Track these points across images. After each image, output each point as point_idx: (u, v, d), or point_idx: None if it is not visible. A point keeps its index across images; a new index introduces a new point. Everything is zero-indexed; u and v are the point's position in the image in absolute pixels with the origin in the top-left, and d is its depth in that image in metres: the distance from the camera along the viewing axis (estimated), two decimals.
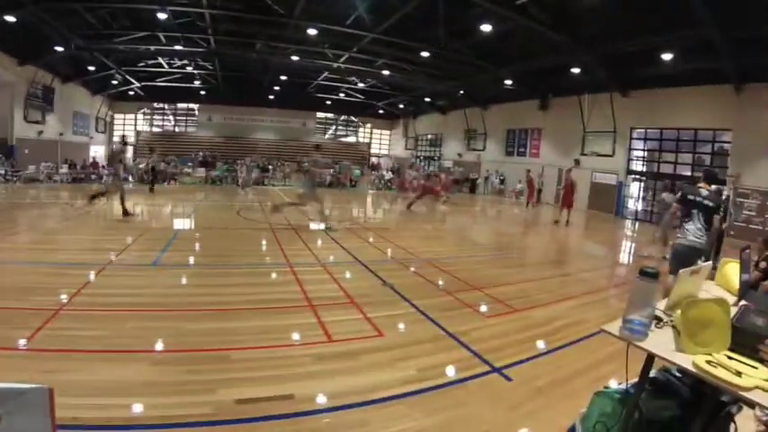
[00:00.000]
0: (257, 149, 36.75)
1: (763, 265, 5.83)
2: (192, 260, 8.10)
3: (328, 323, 5.17)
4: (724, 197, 8.38)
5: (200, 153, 32.43)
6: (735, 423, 2.75)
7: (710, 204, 6.25)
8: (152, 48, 22.76)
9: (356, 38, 20.30)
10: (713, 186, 6.96)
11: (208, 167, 27.28)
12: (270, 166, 29.07)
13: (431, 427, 3.35)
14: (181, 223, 11.89)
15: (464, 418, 3.51)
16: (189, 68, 29.64)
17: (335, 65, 25.70)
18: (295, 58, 24.39)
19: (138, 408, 3.28)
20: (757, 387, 1.77)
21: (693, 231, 6.22)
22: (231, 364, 4.05)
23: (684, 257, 5.99)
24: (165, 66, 28.65)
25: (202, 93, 35.66)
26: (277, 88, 34.61)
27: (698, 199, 6.31)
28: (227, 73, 30.10)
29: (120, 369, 3.80)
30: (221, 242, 9.77)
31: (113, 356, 4.01)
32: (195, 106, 38.20)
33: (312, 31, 19.46)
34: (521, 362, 4.62)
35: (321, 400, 3.59)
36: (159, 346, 4.33)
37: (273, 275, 7.35)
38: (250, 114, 38.82)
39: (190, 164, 28.28)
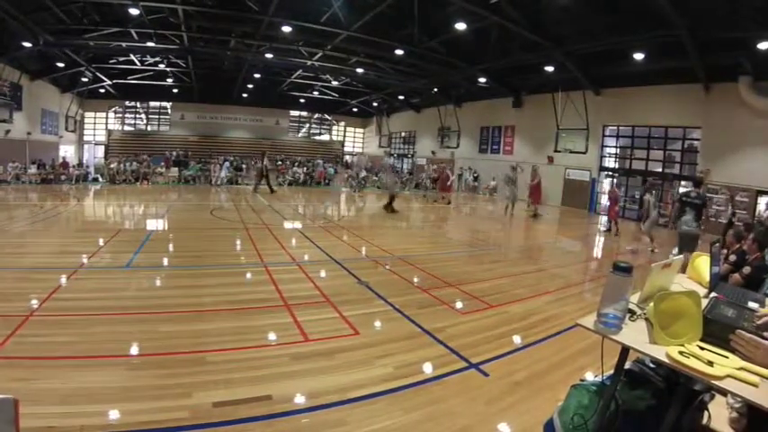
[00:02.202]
0: (231, 148, 36.37)
1: (732, 258, 6.01)
2: (165, 261, 7.97)
3: (304, 322, 5.13)
4: (693, 191, 9.46)
5: (174, 152, 31.92)
6: (708, 411, 2.83)
7: (698, 202, 8.99)
8: (124, 44, 22.27)
9: (331, 35, 20.21)
10: (700, 188, 9.68)
11: (181, 167, 26.90)
12: (243, 165, 28.79)
13: (409, 424, 3.36)
14: (154, 224, 11.69)
15: (442, 414, 3.52)
16: (161, 66, 29.02)
17: (310, 63, 25.55)
18: (269, 55, 24.18)
19: (113, 414, 3.21)
20: (728, 376, 1.80)
21: (688, 222, 8.90)
22: (207, 367, 3.99)
23: (684, 239, 8.88)
24: (137, 63, 27.97)
25: (175, 91, 35.06)
26: (251, 86, 34.28)
27: (689, 199, 9.07)
28: (200, 71, 29.71)
29: (94, 375, 3.71)
30: (195, 242, 9.64)
31: (87, 362, 3.92)
32: (168, 105, 37.45)
33: (286, 29, 19.27)
34: (497, 357, 4.65)
35: (299, 400, 3.56)
36: (134, 350, 4.24)
37: (248, 275, 7.28)
38: (223, 113, 38.33)
39: (162, 163, 27.83)
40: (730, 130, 17.59)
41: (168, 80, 32.70)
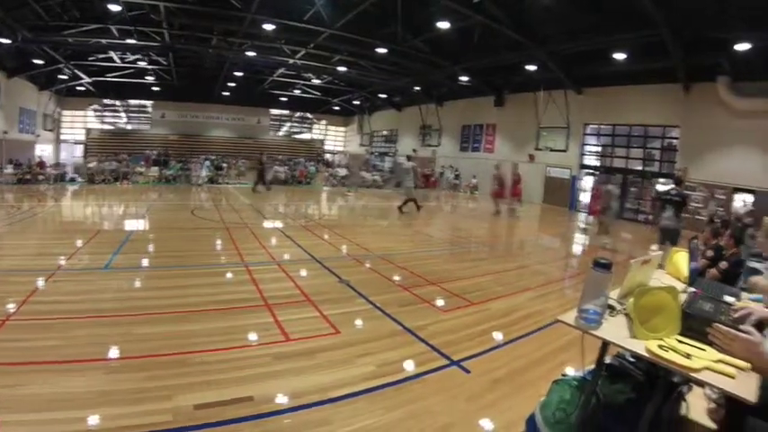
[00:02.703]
0: (212, 147, 36.06)
1: (709, 253, 6.10)
2: (145, 262, 7.84)
3: (285, 322, 5.10)
4: (672, 189, 9.81)
5: (154, 151, 31.52)
6: (686, 402, 2.91)
7: (678, 199, 9.49)
8: (103, 41, 21.74)
9: (313, 33, 20.08)
10: (680, 186, 10.07)
11: (161, 166, 26.57)
12: (224, 164, 28.57)
13: (391, 422, 3.35)
14: (134, 224, 11.54)
15: (424, 411, 3.51)
16: (142, 63, 28.48)
17: (292, 61, 25.41)
18: (251, 53, 24.00)
19: (94, 420, 3.13)
20: (706, 368, 1.83)
21: (669, 218, 9.41)
22: (188, 368, 3.93)
23: (665, 233, 9.40)
24: (117, 60, 27.47)
25: (156, 89, 34.52)
26: (232, 85, 33.94)
27: (669, 197, 9.59)
28: (181, 68, 29.28)
29: (73, 380, 3.62)
30: (176, 243, 9.52)
31: (66, 367, 3.82)
32: (148, 103, 36.90)
33: (269, 27, 19.08)
34: (479, 354, 4.66)
35: (281, 400, 3.53)
36: (114, 353, 4.15)
37: (229, 275, 7.19)
38: (204, 111, 37.97)
39: (143, 163, 27.45)
40: (708, 130, 17.97)
41: (149, 78, 32.17)
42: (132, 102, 36.53)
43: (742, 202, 17.30)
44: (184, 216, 13.01)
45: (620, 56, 17.91)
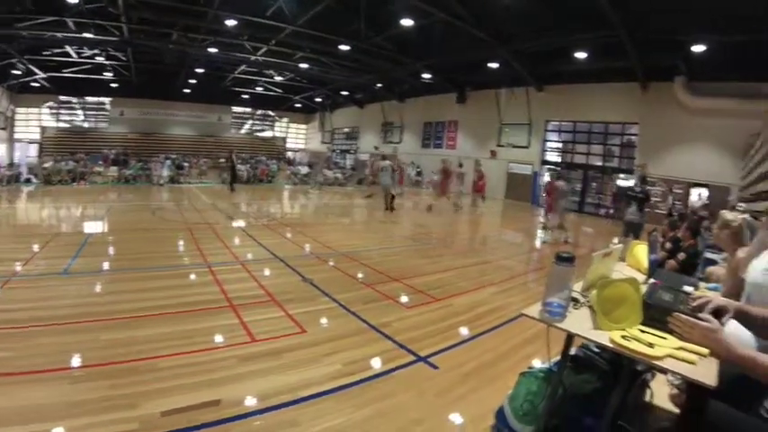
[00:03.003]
0: (172, 146, 35.39)
1: (668, 245, 6.29)
2: (106, 266, 7.59)
3: (250, 323, 5.03)
4: (637, 186, 10.92)
5: (113, 150, 30.72)
6: (650, 388, 3.03)
7: (641, 196, 10.36)
8: (59, 35, 21.03)
9: (276, 30, 19.91)
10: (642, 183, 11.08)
11: (121, 166, 25.88)
12: (186, 164, 28.04)
13: (361, 420, 3.34)
14: (93, 226, 11.20)
15: (393, 408, 3.52)
16: (100, 59, 27.70)
17: (254, 58, 25.19)
18: (213, 50, 23.60)
19: None
20: (668, 356, 1.89)
21: (633, 212, 10.27)
22: (154, 374, 3.82)
23: (629, 227, 10.29)
24: (74, 55, 26.58)
25: (114, 85, 33.56)
26: (193, 82, 33.38)
27: (633, 193, 10.47)
28: (140, 64, 28.49)
29: (35, 391, 3.47)
30: (137, 245, 9.25)
31: (27, 378, 3.65)
32: (107, 100, 35.92)
33: (231, 22, 18.84)
34: (445, 349, 4.69)
35: (250, 402, 3.48)
36: (77, 361, 3.99)
37: (192, 277, 7.04)
38: (165, 109, 37.31)
39: (101, 162, 26.69)
40: (666, 127, 18.67)
41: (107, 74, 31.27)
42: (90, 99, 35.51)
43: (698, 196, 18.04)
44: (145, 217, 12.70)
45: (580, 55, 18.31)
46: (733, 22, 13.35)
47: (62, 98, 34.41)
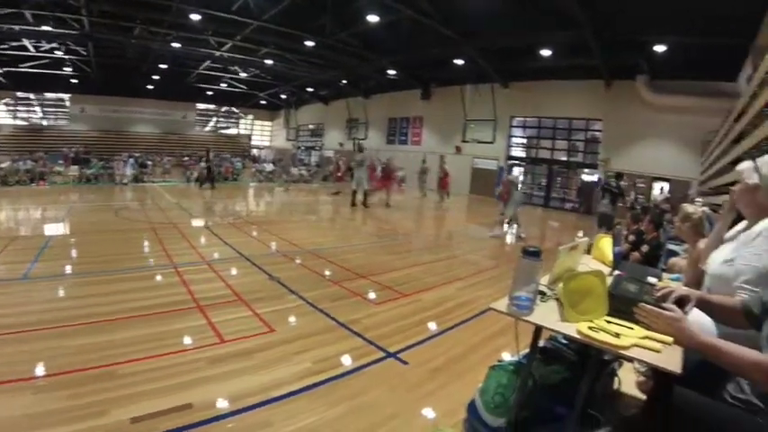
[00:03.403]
0: (135, 144, 34.53)
1: (631, 238, 6.44)
2: (68, 269, 7.34)
3: (219, 323, 4.95)
4: (613, 181, 11.99)
5: (73, 149, 29.83)
6: (618, 377, 3.11)
7: (616, 191, 11.34)
8: (16, 27, 20.35)
9: (241, 25, 19.66)
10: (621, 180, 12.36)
11: (82, 165, 25.16)
12: (149, 162, 27.46)
13: (334, 418, 3.33)
14: (53, 228, 10.86)
15: (366, 405, 3.52)
16: (59, 53, 26.84)
17: (219, 53, 24.84)
18: (176, 45, 23.24)
19: None
20: (634, 345, 1.94)
21: (605, 205, 11.21)
22: (121, 380, 3.70)
23: (602, 218, 11.08)
24: (32, 49, 25.73)
25: (74, 81, 32.58)
26: (156, 78, 32.74)
27: (609, 188, 11.38)
28: (102, 59, 27.75)
29: None
30: (100, 247, 8.98)
31: None
32: (66, 96, 34.86)
33: (195, 17, 18.49)
34: (415, 345, 4.72)
35: (221, 404, 3.42)
36: (39, 370, 3.81)
37: (158, 278, 6.88)
38: (127, 106, 36.39)
39: (61, 161, 25.90)
40: (628, 123, 19.25)
41: (66, 69, 30.34)
42: (48, 95, 34.40)
43: (660, 189, 18.61)
44: (108, 218, 12.39)
45: (546, 52, 18.67)
46: (690, 24, 13.84)
47: (19, 94, 33.23)
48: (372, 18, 17.62)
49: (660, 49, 15.91)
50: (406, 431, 3.26)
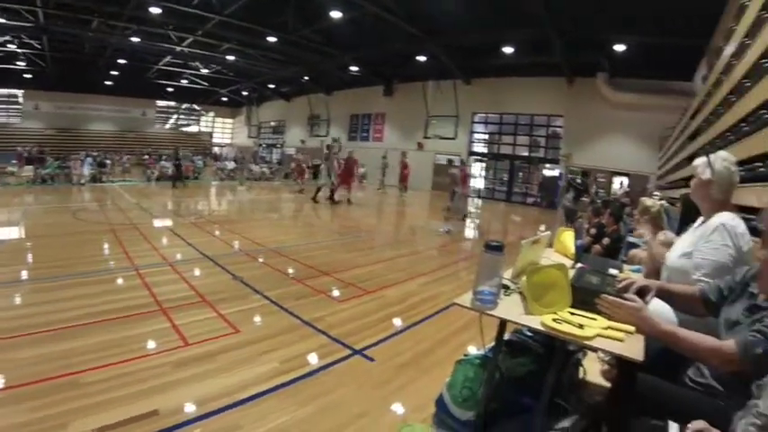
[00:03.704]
0: (93, 142, 33.58)
1: (593, 231, 6.59)
2: (23, 275, 7.01)
3: (183, 326, 4.85)
4: (578, 178, 13.06)
5: (27, 148, 28.80)
6: (583, 366, 3.16)
7: (581, 188, 12.30)
8: None
9: (202, 20, 19.33)
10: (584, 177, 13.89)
11: (37, 165, 24.33)
12: (108, 161, 26.78)
13: (304, 418, 3.30)
14: (6, 232, 10.47)
15: (335, 403, 3.51)
16: (12, 46, 25.88)
17: (179, 49, 24.39)
18: (136, 39, 22.63)
19: None
20: (598, 335, 1.98)
21: (568, 199, 12.13)
22: (83, 389, 3.55)
23: (567, 212, 11.90)
24: None
25: (28, 76, 31.37)
26: (115, 73, 31.85)
27: (575, 184, 12.24)
28: (57, 54, 26.86)
29: None
30: (57, 250, 8.66)
31: None
32: (19, 92, 33.56)
33: (155, 10, 18.09)
34: (380, 341, 4.73)
35: (188, 409, 3.34)
36: None
37: (119, 281, 6.67)
38: (85, 102, 35.24)
39: (14, 161, 25.02)
40: (589, 119, 19.79)
41: (19, 64, 29.26)
42: (0, 91, 33.15)
43: (620, 184, 19.16)
44: (65, 220, 12.03)
45: (508, 50, 18.90)
46: (649, 25, 14.34)
47: None
48: (336, 14, 17.59)
49: (620, 48, 16.39)
50: (376, 429, 3.25)
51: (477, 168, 25.41)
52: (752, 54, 4.91)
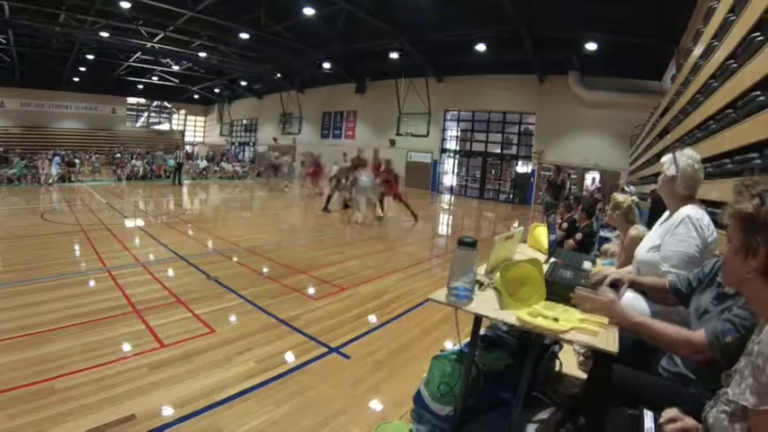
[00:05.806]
0: (61, 141, 32.77)
1: (565, 226, 6.68)
2: None
3: (157, 327, 4.79)
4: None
5: None
6: (559, 359, 3.24)
7: (559, 184, 12.22)
8: None
9: (173, 15, 19.01)
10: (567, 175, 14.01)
11: (2, 165, 23.73)
12: (77, 160, 26.23)
13: (283, 417, 3.29)
14: None
15: (313, 401, 3.50)
16: None
17: (150, 45, 23.96)
18: (105, 34, 22.08)
19: None
20: (572, 328, 2.03)
21: (548, 197, 12.33)
22: (57, 396, 3.45)
23: (546, 206, 12.06)
24: None
25: None
26: (83, 69, 31.01)
27: (553, 181, 12.33)
28: (23, 49, 26.23)
29: None
30: (25, 253, 8.39)
31: None
32: None
33: (125, 5, 17.75)
34: (356, 338, 4.74)
35: (166, 412, 3.29)
36: None
37: (91, 283, 6.52)
38: (52, 100, 34.09)
39: None
40: (561, 117, 20.13)
41: None
42: None
43: (591, 180, 19.49)
44: (33, 221, 11.74)
45: (480, 47, 19.01)
46: (619, 24, 14.65)
47: None
48: (308, 10, 17.50)
49: (591, 47, 16.63)
50: (354, 426, 3.25)
51: (450, 166, 25.71)
52: (719, 55, 5.05)
